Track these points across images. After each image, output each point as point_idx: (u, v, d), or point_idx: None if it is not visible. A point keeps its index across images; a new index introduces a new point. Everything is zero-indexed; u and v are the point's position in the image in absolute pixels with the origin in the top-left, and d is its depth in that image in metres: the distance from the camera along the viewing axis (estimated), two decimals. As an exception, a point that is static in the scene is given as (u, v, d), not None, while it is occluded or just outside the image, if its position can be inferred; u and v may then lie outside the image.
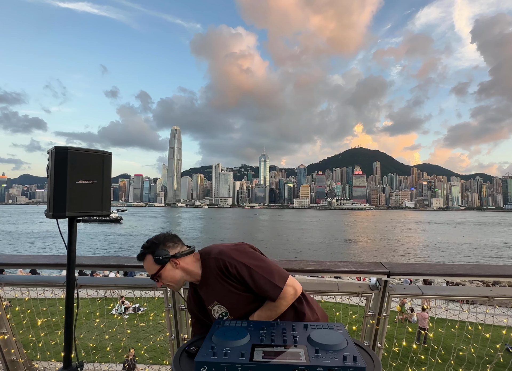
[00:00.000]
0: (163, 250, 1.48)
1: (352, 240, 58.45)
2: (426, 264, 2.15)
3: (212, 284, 1.49)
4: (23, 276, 2.51)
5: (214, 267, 1.45)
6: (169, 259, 1.48)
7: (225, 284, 1.45)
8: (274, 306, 1.44)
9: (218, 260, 1.44)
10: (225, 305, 1.50)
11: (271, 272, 1.43)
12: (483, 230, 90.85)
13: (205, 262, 1.50)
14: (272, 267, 1.45)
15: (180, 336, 2.21)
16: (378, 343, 2.12)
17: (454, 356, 2.89)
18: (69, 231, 1.59)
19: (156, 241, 1.51)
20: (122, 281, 2.31)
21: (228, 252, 1.46)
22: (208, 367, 1.00)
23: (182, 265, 1.50)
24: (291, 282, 1.45)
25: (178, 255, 1.49)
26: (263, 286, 1.41)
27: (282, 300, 1.43)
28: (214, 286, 1.48)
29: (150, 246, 1.50)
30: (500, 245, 54.10)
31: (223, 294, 1.47)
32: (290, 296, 1.44)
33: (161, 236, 1.54)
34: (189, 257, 1.53)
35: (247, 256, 1.47)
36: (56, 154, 1.45)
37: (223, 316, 1.52)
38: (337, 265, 2.08)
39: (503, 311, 2.34)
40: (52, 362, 3.08)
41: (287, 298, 1.44)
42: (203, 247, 1.60)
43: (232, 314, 1.50)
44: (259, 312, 1.47)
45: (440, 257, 41.62)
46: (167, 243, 1.51)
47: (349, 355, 1.03)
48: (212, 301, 1.52)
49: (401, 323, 10.04)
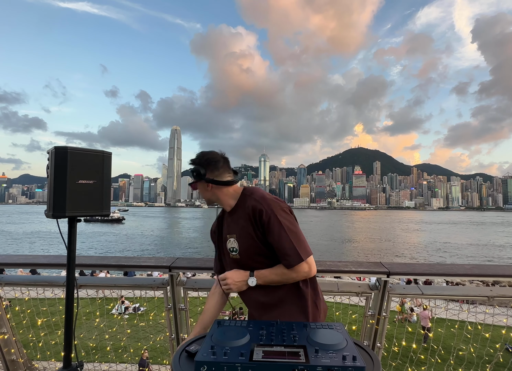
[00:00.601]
0: (201, 168, 1.49)
1: (352, 240, 58.44)
2: (426, 264, 2.15)
3: (239, 219, 1.48)
4: (23, 276, 2.51)
5: (249, 206, 1.43)
6: (200, 179, 1.51)
7: (249, 226, 1.43)
8: (283, 274, 1.41)
9: (257, 203, 1.42)
10: (239, 243, 1.49)
11: (299, 240, 1.40)
12: (483, 230, 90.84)
13: (243, 198, 1.50)
14: (301, 237, 1.42)
15: (180, 336, 2.22)
16: (377, 343, 2.12)
17: (454, 356, 2.89)
18: (69, 231, 1.59)
19: (202, 158, 1.51)
20: (122, 281, 2.31)
21: (269, 201, 1.42)
22: (208, 366, 1.00)
23: (214, 191, 1.53)
24: (311, 261, 1.42)
25: (209, 180, 1.50)
26: (286, 249, 1.37)
27: (294, 272, 1.39)
28: (239, 222, 1.48)
29: (197, 159, 1.52)
30: (500, 245, 54.09)
31: (242, 233, 1.47)
32: (303, 273, 1.41)
33: (211, 156, 1.52)
34: (228, 187, 1.53)
35: (284, 214, 1.42)
36: (56, 154, 1.45)
37: (233, 252, 1.52)
38: (337, 265, 2.08)
39: (503, 311, 2.34)
40: (52, 362, 3.08)
41: (300, 273, 1.40)
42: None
43: (240, 255, 1.50)
44: (267, 272, 1.44)
45: (440, 257, 41.63)
46: (209, 165, 1.50)
47: (349, 355, 1.03)
48: (231, 232, 1.53)
49: (401, 323, 10.05)
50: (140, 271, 17.00)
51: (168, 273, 2.12)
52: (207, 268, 2.11)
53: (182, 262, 2.15)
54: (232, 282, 1.48)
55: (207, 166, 1.50)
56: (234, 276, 1.49)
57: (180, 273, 2.18)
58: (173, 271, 2.10)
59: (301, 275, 1.41)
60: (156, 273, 16.01)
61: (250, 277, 1.45)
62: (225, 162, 1.54)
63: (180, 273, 2.19)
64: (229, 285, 1.48)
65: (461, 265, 2.13)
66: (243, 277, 1.47)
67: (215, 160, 1.51)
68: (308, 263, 1.40)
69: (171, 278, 2.13)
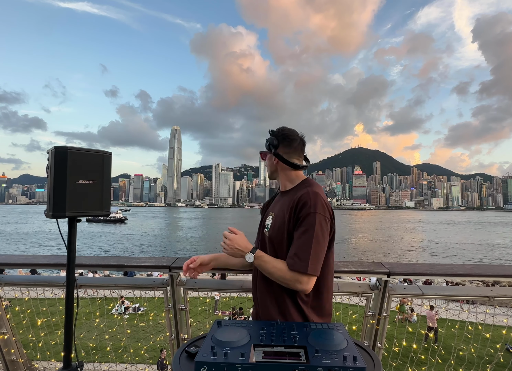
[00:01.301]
0: (275, 142, 1.53)
1: (352, 240, 58.41)
2: (426, 264, 2.15)
3: (285, 201, 1.50)
4: (23, 276, 2.51)
5: (298, 195, 1.41)
6: (270, 151, 1.56)
7: (288, 211, 1.42)
8: (280, 270, 1.36)
9: (306, 196, 1.39)
10: (273, 222, 1.50)
11: (317, 255, 1.34)
12: (483, 230, 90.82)
13: (300, 186, 1.50)
14: (320, 254, 1.36)
15: (180, 336, 2.21)
16: (378, 343, 2.12)
17: (454, 356, 2.89)
18: (69, 231, 1.59)
19: (280, 132, 1.55)
20: (122, 281, 2.31)
21: (319, 201, 1.38)
22: (208, 367, 1.00)
23: (278, 167, 1.57)
24: (312, 280, 1.35)
25: (276, 154, 1.53)
26: (300, 252, 1.33)
27: (291, 276, 1.33)
28: (284, 203, 1.49)
29: (276, 131, 1.56)
30: (500, 245, 54.08)
31: (280, 213, 1.48)
32: (297, 284, 1.33)
33: (289, 133, 1.55)
34: (291, 170, 1.55)
35: (324, 223, 1.37)
36: (56, 154, 1.45)
37: (266, 228, 1.55)
38: (337, 265, 2.08)
39: (503, 311, 2.34)
40: (52, 362, 3.08)
41: (295, 282, 1.33)
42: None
43: (268, 234, 1.51)
44: (268, 258, 1.41)
45: (440, 257, 41.63)
46: (284, 141, 1.53)
47: (349, 355, 1.02)
48: (273, 210, 1.57)
49: (401, 323, 10.04)
50: (140, 271, 17.01)
51: (168, 273, 2.11)
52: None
53: (182, 262, 2.15)
54: (231, 245, 1.44)
55: (281, 140, 1.53)
56: (237, 241, 1.45)
57: (180, 273, 2.18)
58: (173, 271, 2.10)
59: (293, 285, 1.34)
60: (156, 273, 16.01)
61: (250, 253, 1.41)
62: (300, 144, 1.56)
63: (180, 273, 2.18)
64: (226, 246, 1.45)
65: (461, 265, 2.13)
66: (244, 247, 1.43)
67: (290, 138, 1.54)
68: (308, 278, 1.33)
69: (171, 278, 2.13)
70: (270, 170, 1.62)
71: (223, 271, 1.97)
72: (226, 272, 2.63)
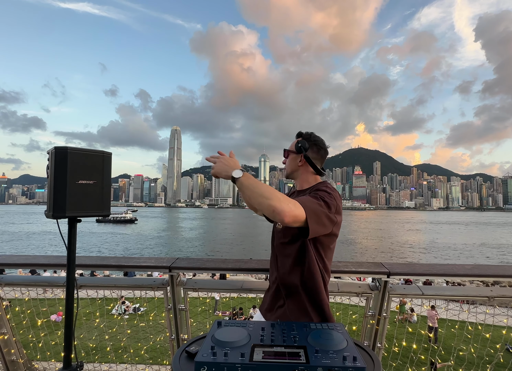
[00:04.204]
0: (306, 145, 1.59)
1: (352, 240, 58.39)
2: (426, 264, 2.15)
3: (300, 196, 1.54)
4: (23, 276, 2.51)
5: (315, 188, 1.52)
6: (300, 153, 1.60)
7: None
8: (270, 191, 1.25)
9: (322, 186, 1.49)
10: None
11: (315, 210, 1.29)
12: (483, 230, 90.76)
13: (317, 185, 1.56)
14: (319, 212, 1.31)
15: (180, 336, 2.21)
16: (378, 343, 2.12)
17: (454, 356, 2.89)
18: (69, 231, 1.59)
19: (312, 137, 1.62)
20: (122, 281, 2.31)
21: (330, 191, 1.44)
22: (208, 367, 1.00)
23: (302, 168, 1.62)
24: (300, 211, 1.24)
25: (307, 157, 1.58)
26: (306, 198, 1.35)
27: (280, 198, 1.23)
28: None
29: (307, 135, 1.63)
30: (500, 245, 54.05)
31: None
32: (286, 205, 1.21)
33: (320, 140, 1.63)
34: (313, 174, 1.62)
35: (331, 202, 1.37)
36: (56, 154, 1.45)
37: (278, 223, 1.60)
38: (337, 265, 2.08)
39: (503, 311, 2.34)
40: (52, 362, 3.07)
41: (280, 203, 1.21)
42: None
43: (281, 227, 1.60)
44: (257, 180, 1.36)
45: (440, 257, 41.60)
46: (315, 146, 1.61)
47: (349, 355, 1.02)
48: None
49: (401, 323, 10.04)
50: (140, 272, 17.00)
51: (168, 274, 2.11)
52: (207, 269, 2.11)
53: (182, 262, 2.15)
54: (220, 162, 1.41)
55: (311, 145, 1.61)
56: (227, 159, 1.42)
57: (180, 273, 2.18)
58: (173, 272, 2.10)
59: (282, 207, 1.20)
60: (156, 274, 16.01)
61: (238, 169, 1.35)
62: (325, 154, 1.65)
63: (180, 274, 2.18)
64: (216, 163, 1.42)
65: (461, 265, 2.13)
66: (233, 164, 1.40)
67: (320, 146, 1.63)
68: (295, 207, 1.23)
69: (171, 278, 2.13)
70: (291, 169, 1.66)
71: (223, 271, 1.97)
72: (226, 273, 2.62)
